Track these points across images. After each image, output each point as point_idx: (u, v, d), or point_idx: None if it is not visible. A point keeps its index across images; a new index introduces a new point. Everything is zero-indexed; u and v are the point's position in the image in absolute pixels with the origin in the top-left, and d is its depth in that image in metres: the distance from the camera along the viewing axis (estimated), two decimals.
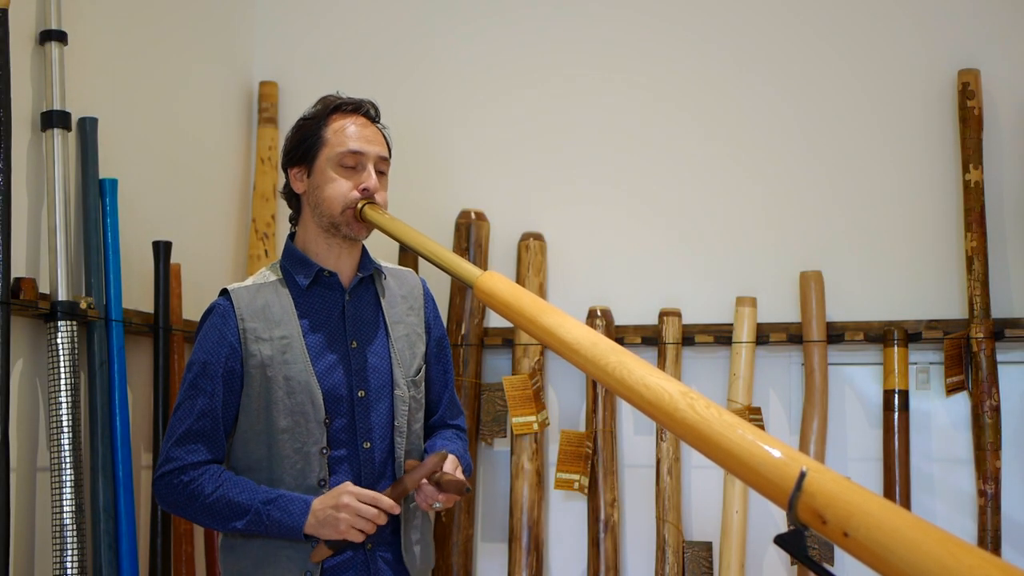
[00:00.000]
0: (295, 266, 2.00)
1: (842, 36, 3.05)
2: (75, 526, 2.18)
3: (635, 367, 1.52)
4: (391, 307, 2.06)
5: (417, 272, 3.09)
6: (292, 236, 2.06)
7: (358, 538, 1.84)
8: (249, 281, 2.01)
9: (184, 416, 1.90)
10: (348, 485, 1.85)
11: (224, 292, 1.98)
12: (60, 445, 2.20)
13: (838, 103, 3.04)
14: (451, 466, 1.93)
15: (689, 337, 2.99)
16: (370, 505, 1.83)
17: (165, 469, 1.90)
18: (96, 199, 2.44)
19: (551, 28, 3.22)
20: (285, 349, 1.92)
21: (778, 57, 3.09)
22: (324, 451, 1.90)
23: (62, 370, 2.22)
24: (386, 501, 1.84)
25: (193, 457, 1.89)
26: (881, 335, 2.89)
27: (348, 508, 1.81)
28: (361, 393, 1.95)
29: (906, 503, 2.82)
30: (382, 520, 1.84)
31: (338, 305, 1.99)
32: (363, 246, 2.06)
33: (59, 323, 2.23)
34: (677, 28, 3.15)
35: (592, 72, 3.18)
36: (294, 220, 2.06)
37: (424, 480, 1.89)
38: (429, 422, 2.13)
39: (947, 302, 2.92)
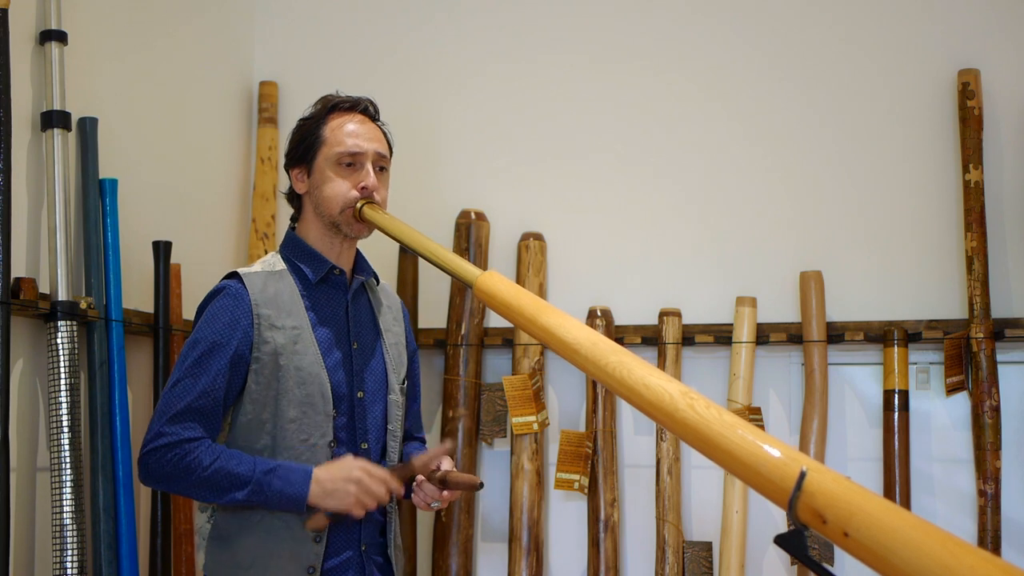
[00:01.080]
0: (303, 259, 1.98)
1: (842, 36, 3.05)
2: (75, 526, 2.18)
3: (635, 367, 1.52)
4: (382, 314, 2.08)
5: (417, 272, 3.11)
6: (294, 228, 2.05)
7: (360, 514, 1.82)
8: (257, 267, 1.98)
9: (183, 393, 1.83)
10: (353, 458, 1.84)
11: (234, 275, 1.94)
12: (60, 445, 2.20)
13: (838, 103, 3.04)
14: (448, 465, 1.94)
15: (689, 337, 2.99)
16: (380, 484, 1.82)
17: (156, 444, 1.82)
18: (96, 199, 2.44)
19: (551, 30, 3.22)
20: (296, 339, 1.90)
21: (777, 58, 3.09)
22: (331, 444, 1.90)
23: (62, 370, 2.22)
24: (395, 484, 1.84)
25: (189, 433, 1.82)
26: (881, 335, 2.89)
27: (360, 483, 1.80)
28: (360, 394, 1.95)
29: (906, 503, 2.82)
30: (386, 501, 1.84)
31: (342, 304, 2.00)
32: (358, 249, 2.06)
33: (59, 323, 2.23)
34: (676, 31, 3.15)
35: (593, 73, 3.18)
36: (295, 219, 2.06)
37: (425, 479, 1.89)
38: None
39: (947, 302, 2.92)
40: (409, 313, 2.28)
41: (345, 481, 1.80)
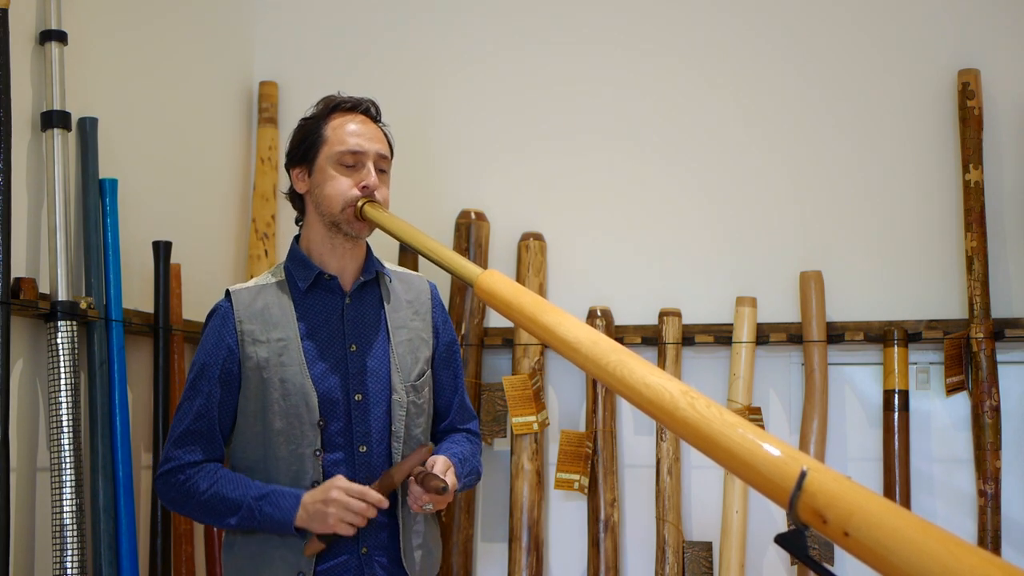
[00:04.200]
0: (296, 268, 2.00)
1: (841, 37, 3.05)
2: (75, 526, 2.18)
3: (635, 366, 1.52)
4: (395, 311, 2.05)
5: (418, 270, 3.10)
6: (298, 238, 2.06)
7: (348, 531, 1.85)
8: (252, 282, 2.02)
9: (183, 417, 1.93)
10: (338, 479, 1.86)
11: (227, 293, 2.00)
12: (60, 445, 2.20)
13: (838, 103, 3.04)
14: (442, 467, 1.92)
15: (689, 337, 2.99)
16: (358, 499, 1.83)
17: (164, 468, 1.94)
18: (96, 199, 2.44)
19: (552, 31, 3.22)
20: (282, 351, 1.92)
21: (777, 59, 3.09)
22: (317, 453, 1.91)
23: (62, 370, 2.22)
24: (373, 495, 1.85)
25: (190, 457, 1.91)
26: (881, 335, 2.89)
27: (336, 502, 1.82)
28: (358, 397, 1.95)
29: (906, 503, 2.82)
30: (371, 513, 1.85)
31: (337, 308, 1.99)
32: (368, 247, 2.05)
33: (59, 323, 2.23)
34: (676, 34, 3.15)
35: (593, 74, 3.18)
36: (299, 221, 2.07)
37: (412, 480, 1.89)
38: (440, 427, 2.12)
39: (947, 302, 2.92)
40: None
41: (324, 503, 1.83)
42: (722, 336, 2.97)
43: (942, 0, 3.00)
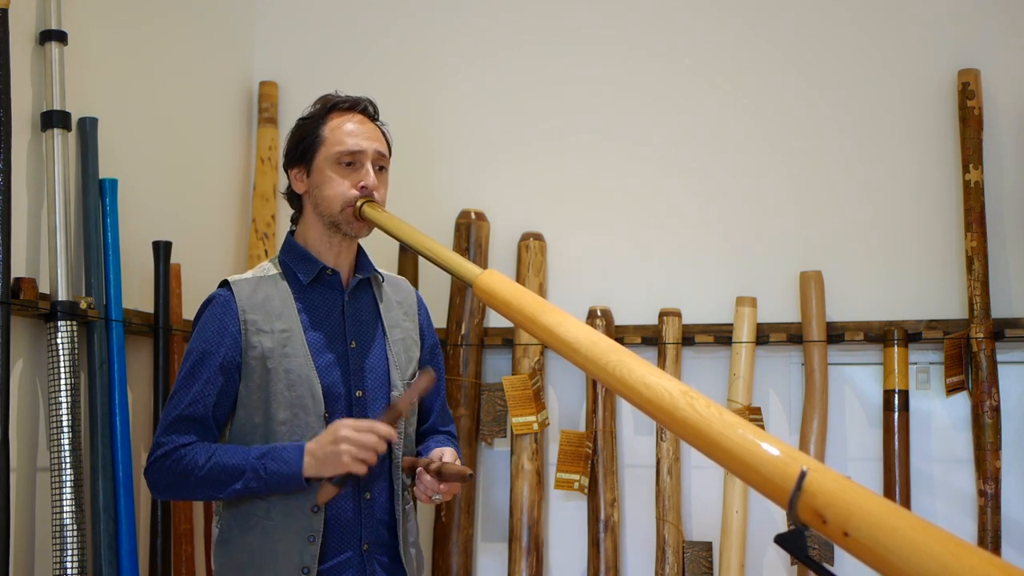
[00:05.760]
0: (296, 262, 1.99)
1: (842, 37, 3.05)
2: (75, 526, 2.18)
3: (635, 366, 1.51)
4: (388, 311, 2.06)
5: (418, 271, 3.11)
6: (292, 232, 2.06)
7: (361, 470, 1.79)
8: (249, 274, 2.00)
9: (177, 403, 1.88)
10: (340, 420, 1.83)
11: (224, 283, 1.97)
12: (60, 445, 2.20)
13: (838, 103, 3.04)
14: (450, 458, 1.93)
15: (689, 337, 2.99)
16: (369, 433, 1.80)
17: (155, 455, 1.87)
18: (96, 199, 2.44)
19: (552, 31, 3.22)
20: (286, 342, 1.91)
21: (777, 59, 3.09)
22: None
23: (62, 370, 2.22)
24: (383, 427, 1.81)
25: (183, 439, 1.86)
26: (881, 335, 2.89)
27: (348, 439, 1.78)
28: (359, 393, 1.95)
29: (906, 503, 2.82)
30: (382, 447, 1.80)
31: (338, 304, 1.99)
32: (360, 246, 2.06)
33: (59, 323, 2.23)
34: (674, 32, 3.15)
35: (593, 73, 3.18)
36: (295, 219, 2.06)
37: (424, 471, 1.89)
38: (421, 428, 2.13)
39: (947, 302, 2.92)
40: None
41: (333, 443, 1.79)
42: (722, 336, 2.97)
43: (942, 0, 3.00)
